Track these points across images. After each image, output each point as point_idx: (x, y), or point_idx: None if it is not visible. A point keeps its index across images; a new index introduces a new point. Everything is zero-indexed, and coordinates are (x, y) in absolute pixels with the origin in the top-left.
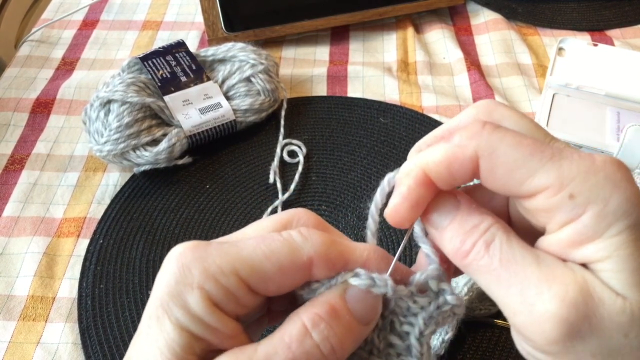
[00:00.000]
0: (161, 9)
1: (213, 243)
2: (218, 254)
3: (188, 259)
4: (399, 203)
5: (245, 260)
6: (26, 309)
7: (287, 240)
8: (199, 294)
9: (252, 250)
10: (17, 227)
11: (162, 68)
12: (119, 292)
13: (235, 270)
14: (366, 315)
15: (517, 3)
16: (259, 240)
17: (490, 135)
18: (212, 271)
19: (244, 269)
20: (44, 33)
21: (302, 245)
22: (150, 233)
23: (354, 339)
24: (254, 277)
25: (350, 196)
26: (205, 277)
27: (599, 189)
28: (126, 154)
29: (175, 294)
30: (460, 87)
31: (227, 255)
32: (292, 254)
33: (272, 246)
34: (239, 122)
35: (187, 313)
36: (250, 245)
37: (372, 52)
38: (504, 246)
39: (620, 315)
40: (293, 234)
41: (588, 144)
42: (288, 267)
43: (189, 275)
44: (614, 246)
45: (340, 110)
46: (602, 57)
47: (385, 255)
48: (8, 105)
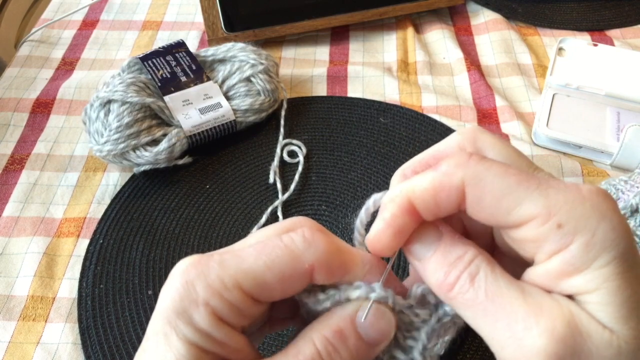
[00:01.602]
0: (161, 9)
1: (215, 256)
2: (220, 268)
3: (192, 276)
4: (382, 230)
5: (247, 272)
6: (26, 309)
7: (288, 247)
8: (205, 311)
9: (254, 261)
10: (17, 227)
11: (162, 68)
12: (119, 292)
13: (238, 284)
14: (376, 339)
15: (517, 3)
16: (259, 250)
17: (477, 165)
18: (216, 287)
19: (246, 281)
20: (44, 33)
21: (304, 251)
22: (150, 233)
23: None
24: (256, 288)
25: (350, 196)
26: (209, 294)
27: (586, 218)
28: (126, 154)
29: (181, 311)
30: (460, 87)
31: (229, 269)
32: (293, 261)
33: (273, 255)
34: (239, 122)
35: (194, 329)
36: (252, 255)
37: (372, 52)
38: (489, 278)
39: (608, 349)
40: (295, 239)
41: (588, 144)
42: (289, 275)
43: (194, 292)
44: (602, 278)
45: (340, 110)
46: (602, 57)
47: (385, 267)
48: (8, 105)
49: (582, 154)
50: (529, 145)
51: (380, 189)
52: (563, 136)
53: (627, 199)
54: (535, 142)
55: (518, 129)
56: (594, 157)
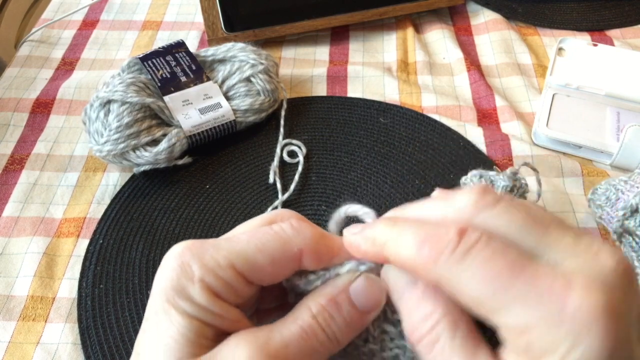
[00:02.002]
0: (161, 9)
1: (209, 241)
2: (214, 250)
3: (187, 257)
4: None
5: (240, 253)
6: (26, 309)
7: (278, 233)
8: (200, 286)
9: (246, 244)
10: (16, 227)
11: (162, 68)
12: (119, 292)
13: (231, 263)
14: (369, 306)
15: (517, 3)
16: (251, 235)
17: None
18: (210, 266)
19: (239, 261)
20: (44, 33)
21: (293, 237)
22: (150, 233)
23: (355, 327)
24: (248, 268)
25: (350, 196)
26: (204, 271)
27: (558, 343)
28: (126, 154)
29: (179, 288)
30: (460, 87)
31: (223, 250)
32: (283, 246)
33: (264, 239)
34: (238, 122)
35: (192, 304)
36: (244, 239)
37: (372, 52)
38: (446, 350)
39: None
40: (284, 227)
41: (588, 144)
42: (279, 258)
43: (189, 271)
44: None
45: (340, 110)
46: (602, 57)
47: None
48: (8, 105)
49: (582, 154)
50: (529, 145)
51: (380, 189)
52: (563, 136)
53: (627, 199)
54: (535, 142)
55: (518, 129)
56: (594, 157)
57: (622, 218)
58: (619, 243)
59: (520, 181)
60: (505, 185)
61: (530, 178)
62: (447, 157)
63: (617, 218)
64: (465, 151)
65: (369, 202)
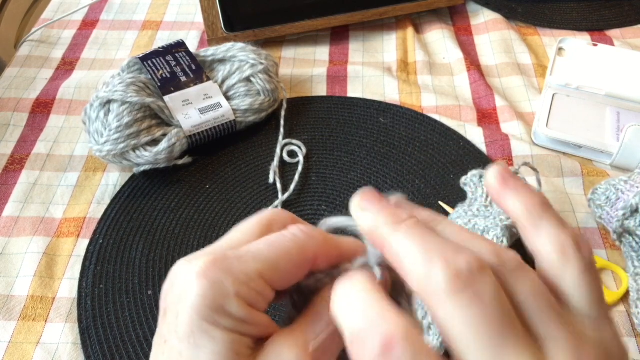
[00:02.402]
0: (161, 9)
1: (228, 254)
2: (240, 264)
3: (217, 274)
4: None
5: (265, 262)
6: (26, 309)
7: (295, 239)
8: (238, 302)
9: (268, 253)
10: (17, 227)
11: (162, 68)
12: (119, 292)
13: (260, 273)
14: None
15: (517, 3)
16: (270, 244)
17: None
18: (242, 279)
19: (266, 270)
20: (44, 33)
21: (308, 242)
22: (150, 233)
23: None
24: (275, 276)
25: (350, 196)
26: (239, 286)
27: None
28: (126, 154)
29: (215, 306)
30: (460, 87)
31: (249, 262)
32: (301, 251)
33: (284, 247)
34: (238, 122)
35: (232, 319)
36: (264, 248)
37: (372, 52)
38: None
39: None
40: (297, 233)
41: (588, 144)
42: (300, 263)
43: (224, 288)
44: None
45: (340, 110)
46: (602, 57)
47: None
48: (8, 105)
49: (582, 154)
50: (529, 145)
51: (380, 189)
52: (563, 136)
53: (627, 199)
54: (535, 142)
55: (518, 129)
56: (594, 157)
57: (622, 218)
58: (619, 243)
59: None
60: None
61: (530, 178)
62: (447, 157)
63: (617, 218)
64: (465, 151)
65: None
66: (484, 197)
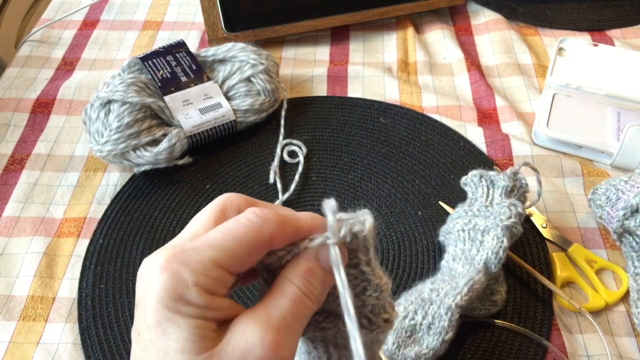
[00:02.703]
0: (161, 9)
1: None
2: (196, 255)
3: (174, 266)
4: None
5: (221, 251)
6: (26, 309)
7: (249, 224)
8: (197, 290)
9: (223, 241)
10: (17, 227)
11: (162, 68)
12: (119, 292)
13: (216, 262)
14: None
15: (517, 3)
16: (225, 232)
17: None
18: (199, 269)
19: (222, 258)
20: (44, 33)
21: (262, 226)
22: (150, 233)
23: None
24: (231, 262)
25: (350, 196)
26: (196, 276)
27: None
28: (126, 154)
29: (177, 296)
30: (461, 87)
31: (205, 252)
32: (257, 235)
33: (238, 233)
34: (239, 122)
35: (193, 307)
36: (220, 237)
37: (372, 52)
38: None
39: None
40: (251, 218)
41: (588, 144)
42: (256, 247)
43: (182, 279)
44: None
45: (340, 110)
46: (602, 57)
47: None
48: (8, 105)
49: (582, 154)
50: (529, 145)
51: (380, 189)
52: (563, 136)
53: (627, 199)
54: (535, 142)
55: (518, 129)
56: (594, 157)
57: (622, 218)
58: (619, 243)
59: (521, 181)
60: (506, 185)
61: (530, 178)
62: (447, 157)
63: (617, 218)
64: (465, 151)
65: (369, 202)
66: (484, 197)
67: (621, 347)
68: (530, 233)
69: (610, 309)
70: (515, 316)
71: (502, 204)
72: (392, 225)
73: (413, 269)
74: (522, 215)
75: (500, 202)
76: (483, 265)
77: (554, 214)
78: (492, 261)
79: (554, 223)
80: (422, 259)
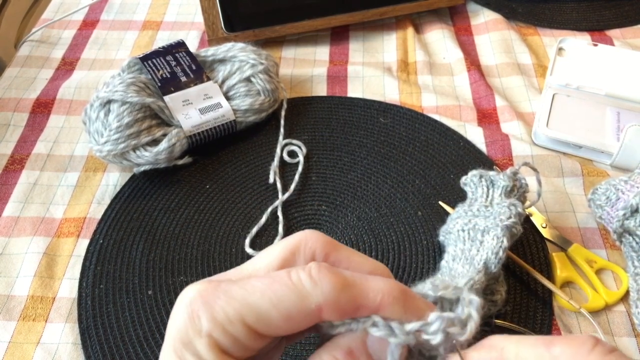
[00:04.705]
0: (161, 9)
1: (222, 285)
2: (226, 300)
3: (197, 306)
4: None
5: (252, 307)
6: (26, 309)
7: (295, 286)
8: (207, 342)
9: (260, 297)
10: (17, 227)
11: (162, 68)
12: (119, 292)
13: (241, 318)
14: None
15: (517, 3)
16: (266, 284)
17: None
18: (219, 319)
19: (250, 316)
20: (44, 33)
21: (311, 291)
22: (150, 233)
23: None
24: (261, 324)
25: (350, 196)
26: (213, 325)
27: None
28: (126, 154)
29: (186, 341)
30: (460, 87)
31: (235, 301)
32: (300, 302)
33: (280, 293)
34: (239, 122)
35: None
36: (258, 289)
37: (372, 52)
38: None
39: None
40: (302, 278)
41: (588, 144)
42: (295, 315)
43: (198, 324)
44: None
45: (340, 110)
46: (602, 57)
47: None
48: (8, 105)
49: (582, 154)
50: (529, 145)
51: (380, 189)
52: (563, 136)
53: (627, 199)
54: (535, 142)
55: (518, 129)
56: (594, 157)
57: (622, 218)
58: (619, 243)
59: (521, 181)
60: (506, 185)
61: (530, 178)
62: (447, 157)
63: (617, 218)
64: (465, 151)
65: (369, 202)
66: (484, 197)
67: (621, 347)
68: (530, 233)
69: (610, 309)
70: (515, 316)
71: (502, 204)
72: (392, 225)
73: (413, 269)
74: (522, 215)
75: (500, 202)
76: (483, 265)
77: (554, 214)
78: (492, 261)
79: (553, 223)
80: (422, 259)
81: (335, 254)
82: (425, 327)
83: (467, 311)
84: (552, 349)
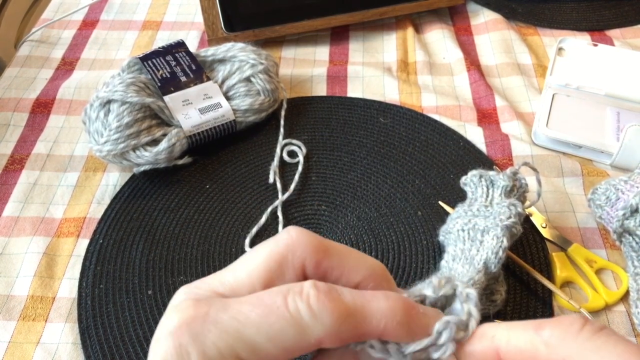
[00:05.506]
0: (161, 9)
1: (211, 315)
2: (217, 334)
3: (185, 339)
4: None
5: (247, 342)
6: (26, 309)
7: (293, 319)
8: None
9: (256, 331)
10: (16, 227)
11: (162, 68)
12: (119, 292)
13: (235, 353)
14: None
15: (517, 3)
16: (261, 316)
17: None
18: (211, 356)
19: (245, 351)
20: (44, 33)
21: (311, 325)
22: (150, 233)
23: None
24: (255, 357)
25: (350, 196)
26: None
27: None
28: (126, 154)
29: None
30: (460, 87)
31: (227, 336)
32: (298, 336)
33: (276, 327)
34: (238, 122)
35: None
36: (253, 322)
37: (372, 52)
38: None
39: None
40: (301, 309)
41: (588, 144)
42: (293, 349)
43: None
44: None
45: (340, 110)
46: (602, 57)
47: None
48: (8, 105)
49: (582, 154)
50: (529, 145)
51: (380, 189)
52: (563, 136)
53: (627, 199)
54: (535, 142)
55: (518, 129)
56: (594, 157)
57: (622, 218)
58: (619, 243)
59: (520, 181)
60: (505, 185)
61: (530, 178)
62: (447, 157)
63: (617, 218)
64: (465, 151)
65: (368, 202)
66: (484, 197)
67: None
68: (530, 233)
69: (610, 309)
70: (515, 316)
71: (502, 203)
72: (392, 225)
73: (413, 269)
74: (521, 215)
75: (500, 202)
76: (483, 265)
77: (554, 214)
78: (491, 261)
79: (553, 223)
80: (422, 259)
81: (327, 261)
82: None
83: (466, 308)
84: (541, 332)
